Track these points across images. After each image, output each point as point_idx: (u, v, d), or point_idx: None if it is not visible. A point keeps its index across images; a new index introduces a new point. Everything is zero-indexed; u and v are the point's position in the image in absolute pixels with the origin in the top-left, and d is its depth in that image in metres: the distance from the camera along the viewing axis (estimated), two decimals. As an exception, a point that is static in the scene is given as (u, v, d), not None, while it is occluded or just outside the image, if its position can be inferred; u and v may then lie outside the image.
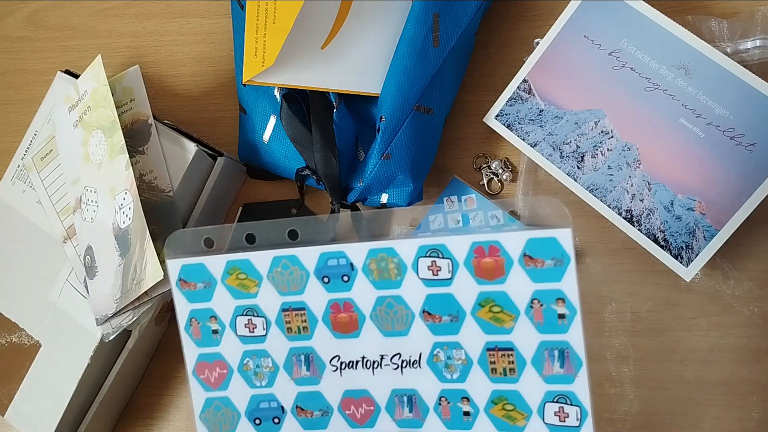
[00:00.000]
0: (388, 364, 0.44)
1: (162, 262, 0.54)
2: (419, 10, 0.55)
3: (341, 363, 0.44)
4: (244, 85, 0.57)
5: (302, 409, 0.45)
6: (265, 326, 0.45)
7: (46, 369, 0.60)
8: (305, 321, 0.44)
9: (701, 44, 0.52)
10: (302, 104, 0.58)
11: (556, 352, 0.40)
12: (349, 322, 0.44)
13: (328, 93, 0.58)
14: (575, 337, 0.40)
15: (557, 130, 0.56)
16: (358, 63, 0.57)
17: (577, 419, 0.41)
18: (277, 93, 0.60)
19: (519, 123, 0.57)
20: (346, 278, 0.43)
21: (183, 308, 0.46)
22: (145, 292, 0.55)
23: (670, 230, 0.53)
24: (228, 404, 0.46)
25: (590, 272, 0.57)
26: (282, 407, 0.45)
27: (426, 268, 0.42)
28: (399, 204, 0.58)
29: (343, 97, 0.58)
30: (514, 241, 0.40)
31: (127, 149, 0.57)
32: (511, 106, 0.57)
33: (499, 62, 0.61)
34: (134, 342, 0.60)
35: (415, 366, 0.43)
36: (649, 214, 0.53)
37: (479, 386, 0.42)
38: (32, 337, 0.61)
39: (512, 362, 0.41)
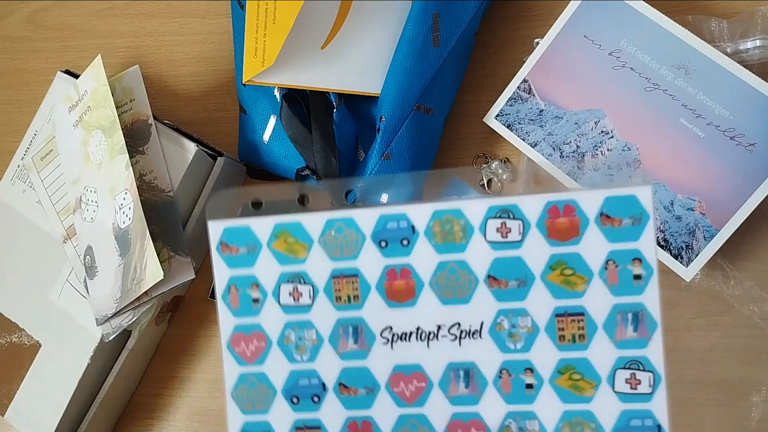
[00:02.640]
0: (446, 335, 0.41)
1: (162, 262, 0.54)
2: (419, 10, 0.55)
3: (393, 335, 0.41)
4: (244, 85, 0.57)
5: (346, 387, 0.42)
6: (311, 294, 0.41)
7: (46, 369, 0.60)
8: (357, 289, 0.41)
9: (701, 44, 0.52)
10: (302, 104, 0.58)
11: (629, 315, 0.39)
12: (406, 289, 0.41)
13: (328, 93, 0.58)
14: (651, 298, 0.38)
15: (557, 130, 0.56)
16: (358, 63, 0.57)
17: (650, 386, 0.39)
18: (277, 93, 0.60)
19: (519, 123, 0.57)
20: (405, 242, 0.40)
21: (222, 274, 0.42)
22: (145, 292, 0.55)
23: (670, 230, 0.53)
24: (264, 380, 0.42)
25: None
26: (323, 384, 0.42)
27: (495, 230, 0.39)
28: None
29: (343, 97, 0.58)
30: (592, 200, 0.38)
31: (127, 149, 0.57)
32: (511, 106, 0.57)
33: (499, 62, 0.61)
34: (134, 342, 0.60)
35: (475, 336, 0.40)
36: (649, 214, 0.53)
37: (545, 355, 0.40)
38: (32, 337, 0.61)
39: (582, 328, 0.39)
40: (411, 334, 0.41)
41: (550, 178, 0.57)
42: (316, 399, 0.42)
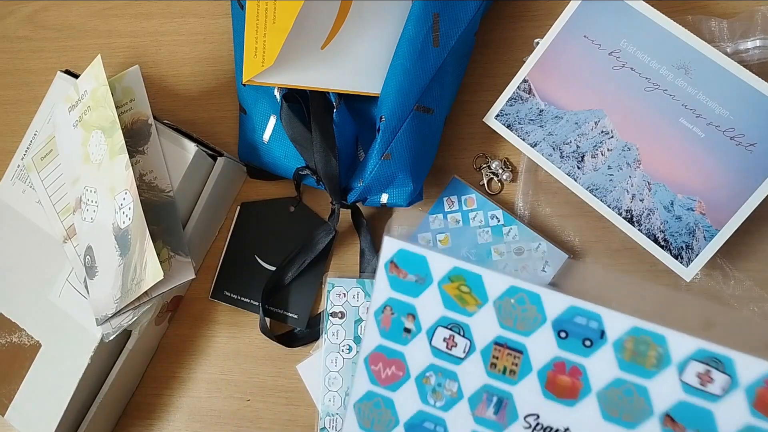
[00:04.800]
0: None
1: (162, 262, 0.54)
2: (419, 10, 0.55)
3: (538, 424, 0.40)
4: (244, 85, 0.57)
5: None
6: (466, 350, 0.41)
7: (46, 369, 0.60)
8: (516, 365, 0.40)
9: (701, 44, 0.52)
10: (302, 104, 0.58)
11: None
12: (570, 387, 0.39)
13: (328, 93, 0.58)
14: None
15: (557, 130, 0.56)
16: (358, 63, 0.57)
17: None
18: (277, 93, 0.60)
19: (519, 123, 0.57)
20: (588, 343, 0.39)
21: (382, 292, 0.42)
22: (145, 292, 0.55)
23: (670, 230, 0.53)
24: (390, 406, 0.42)
25: (590, 272, 0.57)
26: None
27: (694, 374, 0.38)
28: (399, 204, 0.58)
29: (343, 97, 0.58)
30: None
31: (127, 149, 0.57)
32: (511, 106, 0.57)
33: (499, 62, 0.61)
34: (134, 342, 0.60)
35: None
36: (649, 214, 0.53)
37: None
38: (32, 337, 0.61)
39: None
40: (557, 431, 0.39)
41: (550, 178, 0.57)
42: None
